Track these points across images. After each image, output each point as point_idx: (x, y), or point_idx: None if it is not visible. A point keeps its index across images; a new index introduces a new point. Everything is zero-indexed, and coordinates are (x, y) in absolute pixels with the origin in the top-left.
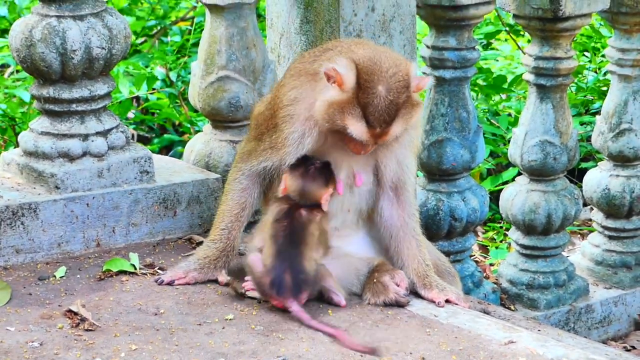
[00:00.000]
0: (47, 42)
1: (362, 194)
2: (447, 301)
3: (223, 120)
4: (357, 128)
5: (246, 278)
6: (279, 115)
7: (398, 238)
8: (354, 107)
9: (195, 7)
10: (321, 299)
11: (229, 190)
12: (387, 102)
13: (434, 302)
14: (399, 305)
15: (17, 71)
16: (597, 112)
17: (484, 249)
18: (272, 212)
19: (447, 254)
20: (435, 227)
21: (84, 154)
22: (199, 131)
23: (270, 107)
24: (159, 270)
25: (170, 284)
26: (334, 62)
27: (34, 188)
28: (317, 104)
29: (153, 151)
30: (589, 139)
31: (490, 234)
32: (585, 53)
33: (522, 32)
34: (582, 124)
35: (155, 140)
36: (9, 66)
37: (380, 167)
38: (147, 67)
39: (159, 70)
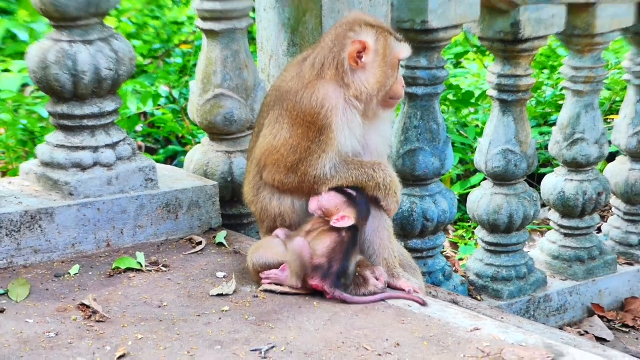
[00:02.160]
0: (60, 64)
1: None
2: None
3: (219, 133)
4: (401, 48)
5: (263, 274)
6: (319, 119)
7: (372, 226)
8: (390, 41)
9: (195, 32)
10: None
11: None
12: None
13: (403, 290)
14: None
15: (37, 90)
16: (554, 124)
17: (454, 245)
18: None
19: (420, 250)
20: (410, 227)
21: (95, 164)
22: (199, 143)
23: (303, 125)
24: (162, 268)
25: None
26: (349, 43)
27: (50, 195)
28: (369, 80)
29: (159, 161)
30: (546, 147)
31: (459, 232)
32: (544, 70)
33: (488, 53)
34: (540, 134)
35: (161, 151)
36: (29, 85)
37: (368, 144)
38: (152, 85)
39: (163, 89)
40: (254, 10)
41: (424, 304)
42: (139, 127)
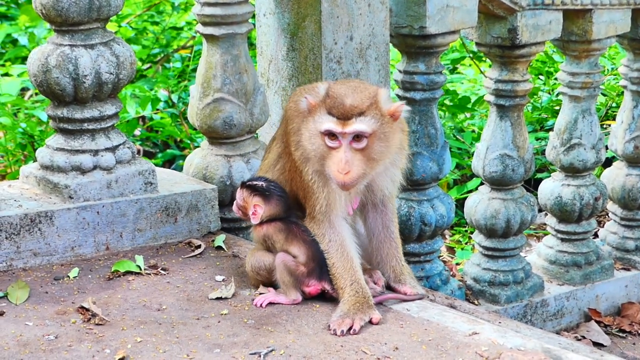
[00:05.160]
0: (61, 68)
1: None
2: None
3: (218, 137)
4: (324, 120)
5: (258, 301)
6: (296, 159)
7: (379, 238)
8: (322, 110)
9: (194, 37)
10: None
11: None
12: (349, 105)
13: (405, 294)
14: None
15: (36, 94)
16: (551, 129)
17: (451, 250)
18: (273, 229)
19: (418, 255)
20: (408, 231)
21: (95, 167)
22: (197, 147)
23: (290, 158)
24: (161, 271)
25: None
26: (313, 92)
27: (50, 198)
28: (304, 137)
29: (157, 165)
30: (543, 152)
31: (456, 237)
32: (540, 76)
33: (484, 58)
34: (537, 139)
35: (159, 155)
36: (28, 89)
37: (374, 187)
38: (151, 90)
39: (162, 93)
40: (253, 15)
41: (421, 297)
42: (137, 131)
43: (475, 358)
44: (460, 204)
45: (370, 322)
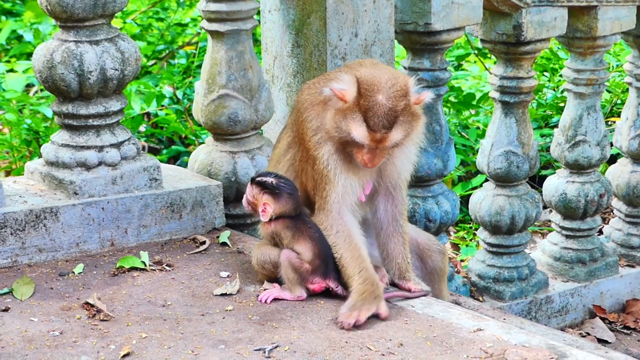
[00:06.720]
0: (66, 64)
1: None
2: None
3: (223, 133)
4: (359, 132)
5: (263, 296)
6: (311, 147)
7: (387, 232)
8: (356, 113)
9: (199, 33)
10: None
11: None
12: (386, 108)
13: (409, 290)
14: None
15: (41, 90)
16: (555, 126)
17: (456, 246)
18: (281, 226)
19: None
20: None
21: (100, 163)
22: (202, 143)
23: (301, 147)
24: (166, 267)
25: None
26: (337, 81)
27: (55, 194)
28: (327, 116)
29: (162, 161)
30: (548, 149)
31: (461, 233)
32: (545, 73)
33: (489, 55)
34: (542, 136)
35: (164, 151)
36: (33, 85)
37: (385, 170)
38: (156, 86)
39: (167, 89)
40: (258, 12)
41: (426, 294)
42: (142, 127)
43: (479, 354)
44: (464, 200)
45: (379, 317)
